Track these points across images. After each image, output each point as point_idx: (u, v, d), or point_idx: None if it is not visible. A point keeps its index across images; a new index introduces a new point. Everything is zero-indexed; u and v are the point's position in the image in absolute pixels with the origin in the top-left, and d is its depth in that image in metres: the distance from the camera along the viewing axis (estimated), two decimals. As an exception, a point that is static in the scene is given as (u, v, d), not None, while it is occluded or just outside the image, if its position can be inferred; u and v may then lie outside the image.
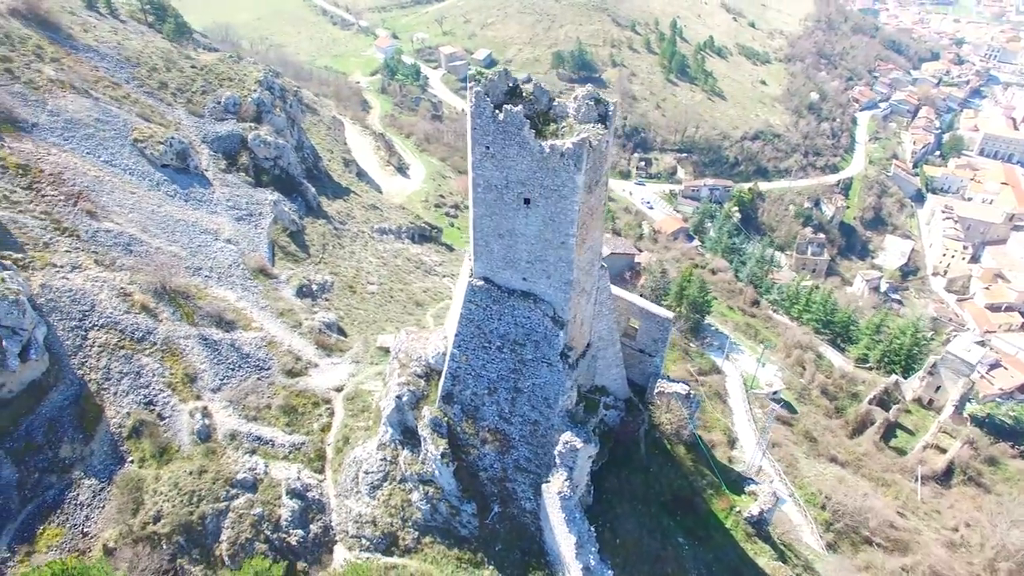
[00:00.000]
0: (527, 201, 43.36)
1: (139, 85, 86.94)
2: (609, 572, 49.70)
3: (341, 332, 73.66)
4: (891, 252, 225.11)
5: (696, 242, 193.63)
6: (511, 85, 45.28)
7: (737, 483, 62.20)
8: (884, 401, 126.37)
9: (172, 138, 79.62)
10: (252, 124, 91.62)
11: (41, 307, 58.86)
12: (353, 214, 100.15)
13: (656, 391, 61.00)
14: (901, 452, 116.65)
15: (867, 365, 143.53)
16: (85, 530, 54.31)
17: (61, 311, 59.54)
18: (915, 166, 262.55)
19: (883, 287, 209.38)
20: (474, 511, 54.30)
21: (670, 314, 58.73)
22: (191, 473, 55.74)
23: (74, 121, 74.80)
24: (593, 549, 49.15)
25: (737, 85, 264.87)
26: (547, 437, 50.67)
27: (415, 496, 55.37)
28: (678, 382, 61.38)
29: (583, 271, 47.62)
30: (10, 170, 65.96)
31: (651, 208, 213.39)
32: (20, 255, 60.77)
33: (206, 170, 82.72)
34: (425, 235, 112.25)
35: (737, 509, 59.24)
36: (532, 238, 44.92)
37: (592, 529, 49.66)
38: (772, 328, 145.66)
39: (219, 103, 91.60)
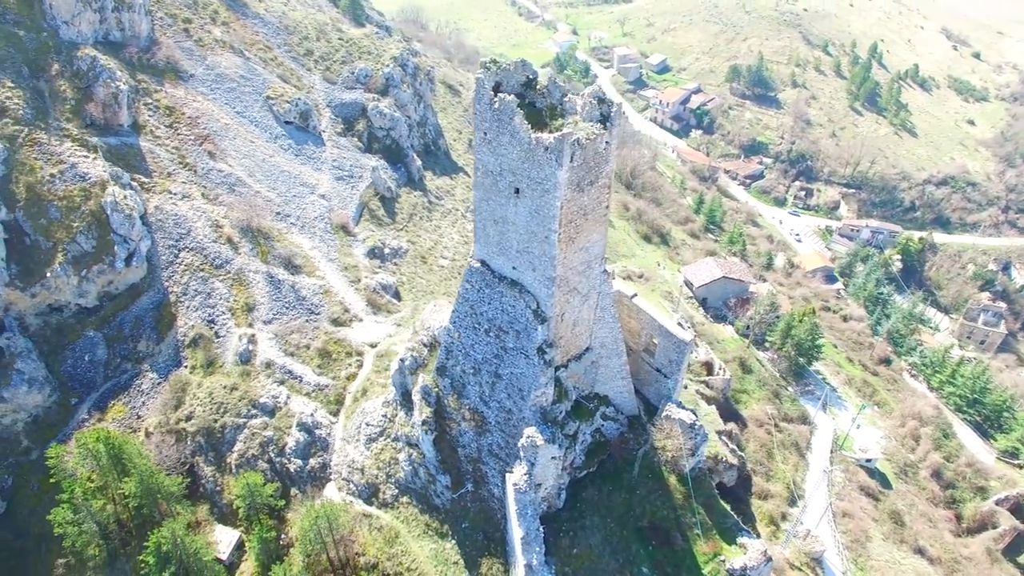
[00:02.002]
0: (517, 191, 44.04)
1: (288, 50, 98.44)
2: (550, 576, 49.23)
3: (397, 295, 78.73)
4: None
5: (839, 285, 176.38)
6: (529, 77, 46.03)
7: (731, 531, 57.58)
8: (1022, 507, 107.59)
9: (298, 99, 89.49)
10: (376, 96, 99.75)
11: (150, 224, 70.11)
12: (454, 192, 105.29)
13: (664, 414, 58.38)
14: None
15: (1016, 462, 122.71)
16: (140, 413, 64.43)
17: (164, 231, 70.42)
18: None
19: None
20: (448, 483, 56.24)
21: (688, 336, 55.82)
22: (225, 387, 63.68)
23: (223, 76, 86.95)
24: (538, 548, 48.84)
25: (935, 122, 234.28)
26: (518, 428, 51.03)
27: (401, 456, 58.51)
28: (688, 410, 58.18)
29: (574, 271, 47.17)
30: (161, 110, 78.70)
31: (799, 241, 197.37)
32: (147, 179, 72.67)
33: (323, 131, 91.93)
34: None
35: (721, 558, 54.98)
36: (521, 228, 45.51)
37: (541, 528, 49.28)
38: (894, 391, 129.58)
39: (352, 73, 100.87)
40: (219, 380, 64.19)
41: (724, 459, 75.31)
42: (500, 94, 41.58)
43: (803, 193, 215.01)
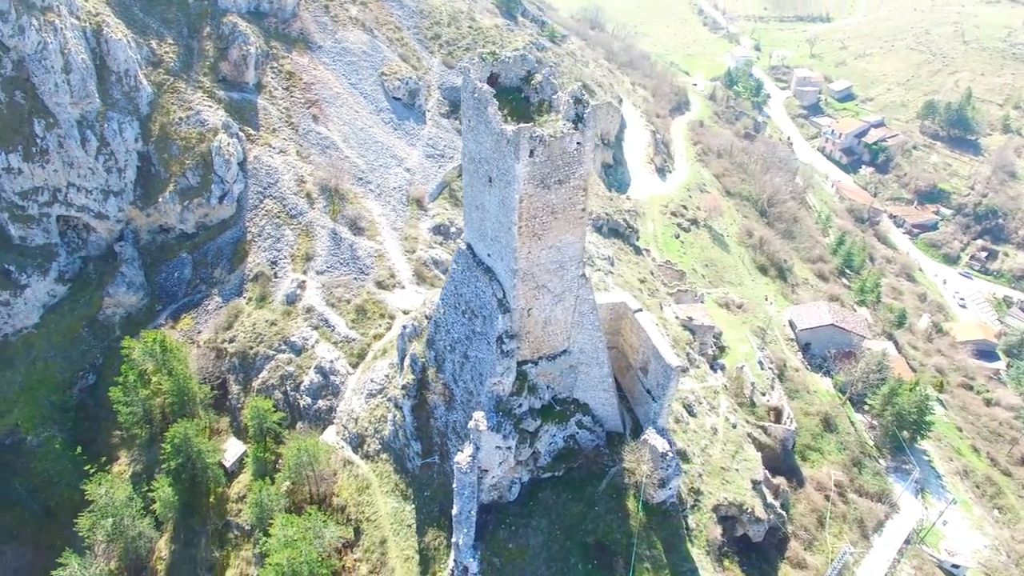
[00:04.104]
0: (491, 180, 45.09)
1: (416, 33, 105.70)
2: (474, 562, 50.12)
3: (447, 272, 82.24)
4: None
5: (999, 364, 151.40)
6: (530, 72, 46.67)
7: None
8: None
9: (409, 78, 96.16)
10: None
11: (247, 171, 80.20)
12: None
13: (642, 437, 56.08)
14: None
15: None
16: (201, 328, 74.57)
17: (256, 178, 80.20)
18: None
19: None
20: (419, 451, 58.97)
21: (677, 362, 52.94)
22: (267, 321, 71.65)
23: (347, 50, 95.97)
24: (466, 530, 50.02)
25: None
26: (475, 410, 52.16)
27: (389, 416, 62.26)
28: (665, 438, 55.22)
29: (542, 268, 47.07)
30: (282, 73, 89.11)
31: (963, 306, 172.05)
32: (254, 131, 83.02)
33: (427, 110, 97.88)
34: (617, 230, 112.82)
35: (665, 598, 51.89)
36: (492, 217, 46.51)
37: (475, 512, 50.27)
38: None
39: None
40: (264, 314, 72.37)
41: (751, 510, 70.16)
42: (478, 84, 42.91)
43: (984, 254, 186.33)
